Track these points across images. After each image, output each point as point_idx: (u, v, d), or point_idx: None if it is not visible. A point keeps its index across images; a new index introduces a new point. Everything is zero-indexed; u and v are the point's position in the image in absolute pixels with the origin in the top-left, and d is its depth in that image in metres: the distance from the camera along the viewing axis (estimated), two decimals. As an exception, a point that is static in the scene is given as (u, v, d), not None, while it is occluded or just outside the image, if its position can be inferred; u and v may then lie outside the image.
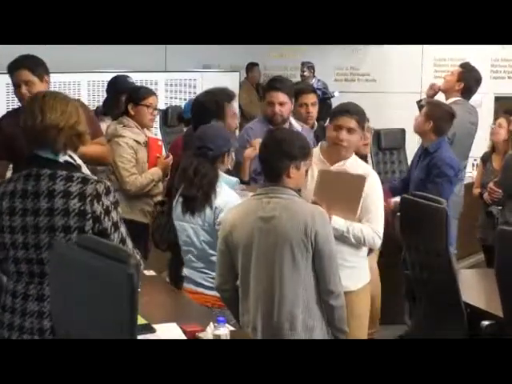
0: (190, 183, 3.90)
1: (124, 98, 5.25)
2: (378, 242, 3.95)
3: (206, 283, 3.95)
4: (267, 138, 3.65)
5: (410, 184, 5.25)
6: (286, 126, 4.79)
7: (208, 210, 3.88)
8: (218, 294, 3.84)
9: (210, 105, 4.45)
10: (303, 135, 3.83)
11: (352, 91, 11.13)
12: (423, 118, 5.17)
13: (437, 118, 5.13)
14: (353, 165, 4.04)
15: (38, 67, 4.27)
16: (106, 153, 4.59)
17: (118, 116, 5.21)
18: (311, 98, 5.28)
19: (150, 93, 5.27)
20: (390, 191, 5.15)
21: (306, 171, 3.64)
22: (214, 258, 3.89)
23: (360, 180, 3.85)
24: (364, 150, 4.72)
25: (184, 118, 5.67)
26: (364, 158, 4.46)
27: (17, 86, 4.25)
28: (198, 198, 3.88)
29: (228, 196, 3.90)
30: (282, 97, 4.80)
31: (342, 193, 3.85)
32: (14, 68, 4.28)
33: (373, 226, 3.91)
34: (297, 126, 4.90)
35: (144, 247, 4.71)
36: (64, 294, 2.62)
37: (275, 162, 3.51)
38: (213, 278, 3.88)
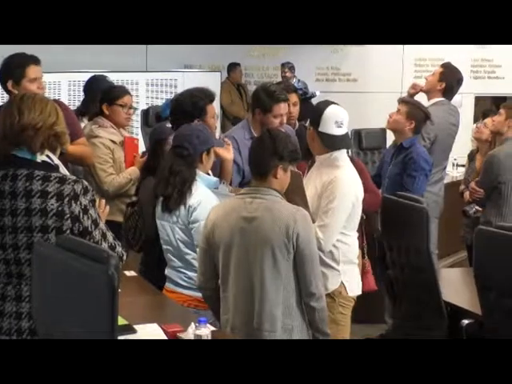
0: (166, 182, 3.91)
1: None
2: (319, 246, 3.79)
3: (182, 282, 3.96)
4: (262, 135, 3.66)
5: (383, 180, 5.31)
6: None
7: (182, 209, 3.89)
8: (194, 294, 3.86)
9: (187, 105, 4.43)
10: (296, 142, 3.81)
11: (333, 91, 11.14)
12: (404, 117, 5.24)
13: (418, 118, 5.24)
14: (323, 164, 4.00)
15: None
16: (89, 153, 4.59)
17: (94, 116, 5.18)
18: (293, 98, 5.28)
19: (124, 92, 5.22)
20: None
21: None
22: (189, 257, 3.92)
23: (296, 176, 3.83)
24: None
25: (162, 118, 5.65)
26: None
27: (32, 81, 4.16)
28: (173, 196, 3.88)
29: (202, 195, 3.89)
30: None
31: (291, 188, 3.82)
32: (31, 62, 4.20)
33: (317, 231, 3.82)
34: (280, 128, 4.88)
35: (125, 246, 4.69)
36: (46, 294, 2.61)
37: (265, 159, 3.51)
38: (189, 278, 3.90)
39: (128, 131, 5.52)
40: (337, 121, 3.96)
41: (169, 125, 4.52)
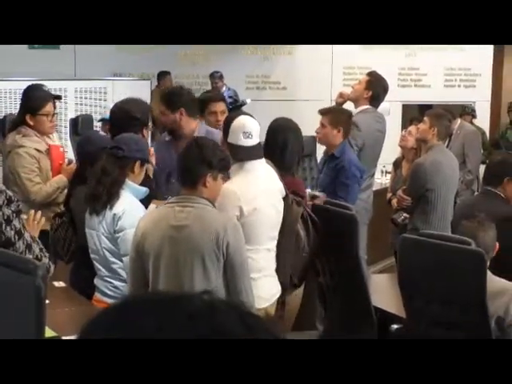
0: (98, 181, 3.86)
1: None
2: None
3: (109, 292, 3.92)
4: (190, 143, 3.64)
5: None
6: (202, 134, 4.63)
7: (108, 217, 3.84)
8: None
9: (137, 113, 4.43)
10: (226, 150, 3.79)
11: (263, 99, 11.21)
12: (331, 126, 5.22)
13: (345, 124, 5.25)
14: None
15: None
16: None
17: (16, 126, 5.07)
18: (220, 106, 5.27)
19: (45, 100, 5.07)
20: None
21: None
22: (115, 267, 3.89)
23: None
24: None
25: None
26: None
27: None
28: (102, 198, 3.84)
29: (127, 204, 3.85)
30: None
31: None
32: None
33: None
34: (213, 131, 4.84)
35: (53, 257, 4.63)
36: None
37: (194, 167, 3.49)
38: (115, 287, 3.88)
39: (57, 139, 5.43)
40: (245, 131, 3.91)
41: (102, 133, 4.50)
